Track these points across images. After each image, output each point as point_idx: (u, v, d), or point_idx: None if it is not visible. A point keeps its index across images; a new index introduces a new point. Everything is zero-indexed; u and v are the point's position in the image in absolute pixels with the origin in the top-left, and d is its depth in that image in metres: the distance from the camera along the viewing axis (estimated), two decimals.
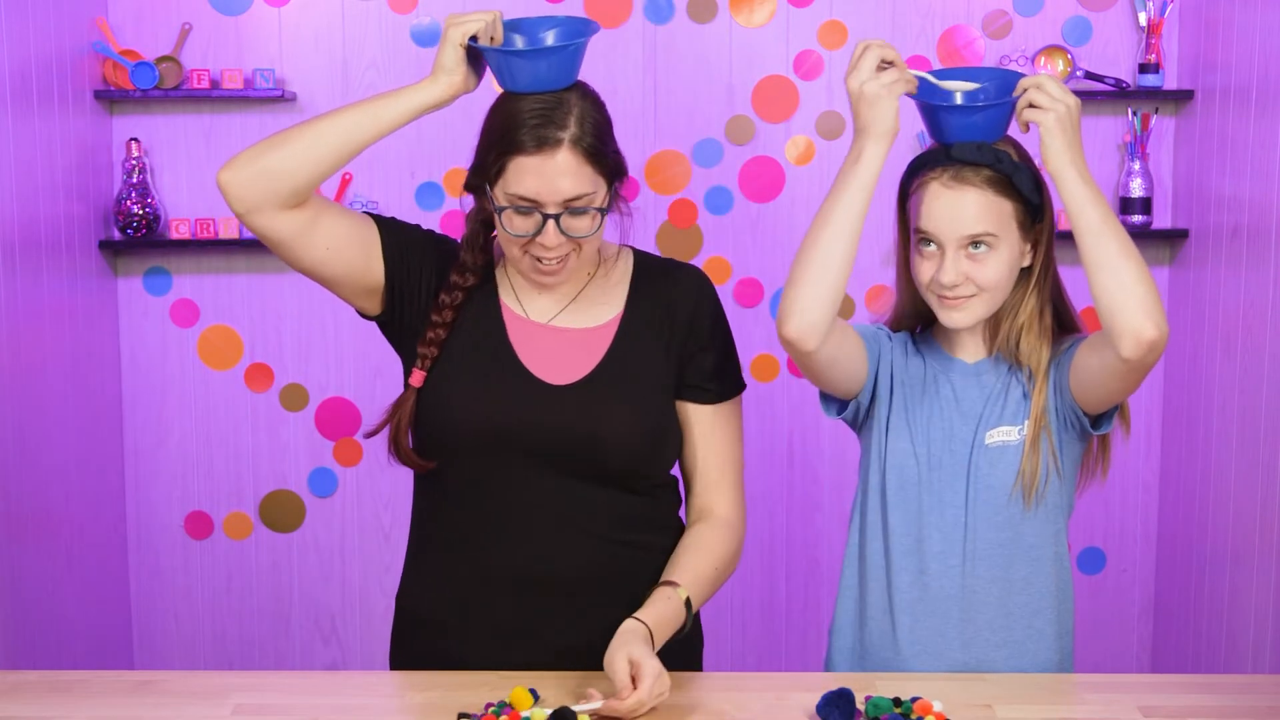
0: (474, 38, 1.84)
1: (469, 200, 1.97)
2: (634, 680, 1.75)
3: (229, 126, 3.56)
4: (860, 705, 1.75)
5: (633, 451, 1.94)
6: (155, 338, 3.64)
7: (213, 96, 3.49)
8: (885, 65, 1.83)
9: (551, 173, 1.83)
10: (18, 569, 3.00)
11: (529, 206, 1.85)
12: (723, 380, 2.00)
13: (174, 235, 3.55)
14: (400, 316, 1.98)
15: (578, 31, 1.89)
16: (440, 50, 1.85)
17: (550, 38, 1.91)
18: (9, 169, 2.99)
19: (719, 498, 2.01)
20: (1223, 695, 1.86)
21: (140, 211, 3.49)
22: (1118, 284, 1.75)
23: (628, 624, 1.83)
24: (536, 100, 1.84)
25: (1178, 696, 1.86)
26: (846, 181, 1.82)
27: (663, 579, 1.93)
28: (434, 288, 1.97)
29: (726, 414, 2.01)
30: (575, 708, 1.73)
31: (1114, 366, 1.78)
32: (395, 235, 1.98)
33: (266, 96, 3.48)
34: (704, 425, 2.00)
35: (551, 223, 1.85)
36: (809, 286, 1.81)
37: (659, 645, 1.84)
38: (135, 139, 3.50)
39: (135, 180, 3.49)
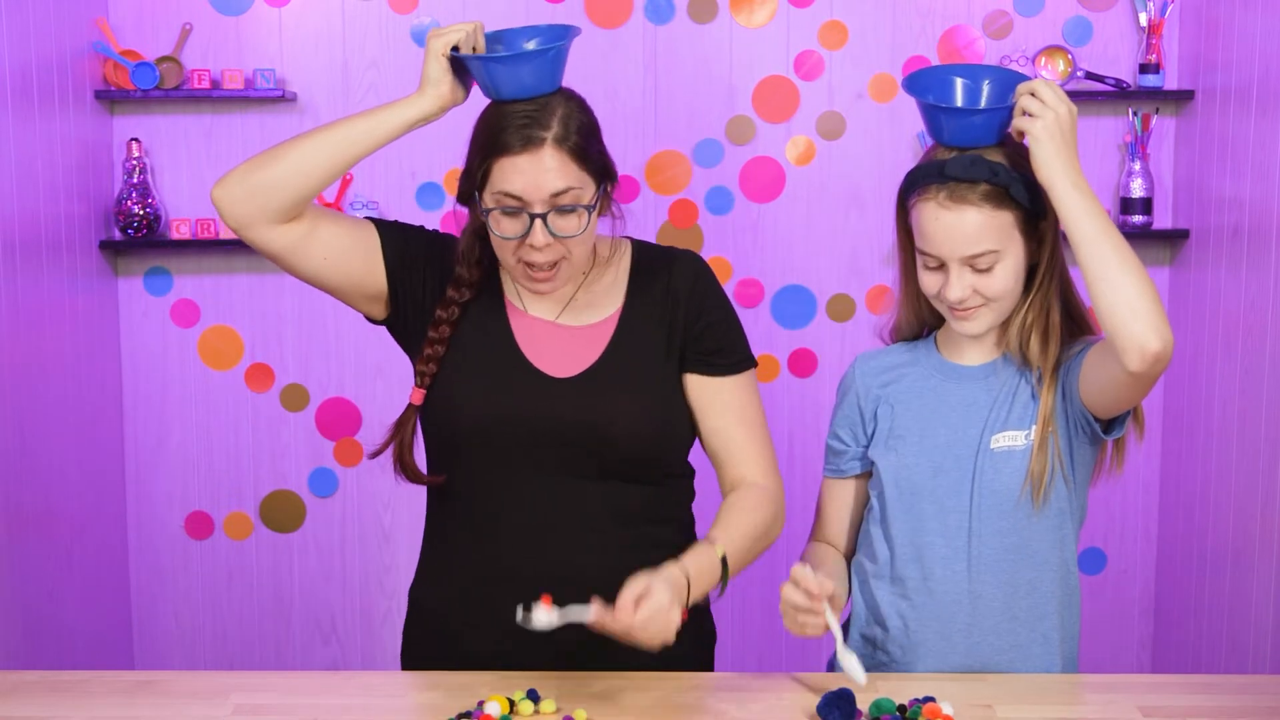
0: (455, 48, 1.85)
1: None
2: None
3: (229, 127, 3.56)
4: (863, 706, 1.75)
5: (639, 439, 1.93)
6: (155, 338, 3.64)
7: (213, 97, 3.49)
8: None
9: (535, 170, 1.83)
10: (18, 569, 3.00)
11: (516, 207, 1.85)
12: (732, 353, 1.99)
13: (174, 235, 3.56)
14: (405, 321, 2.00)
15: (558, 37, 1.90)
16: (425, 63, 1.86)
17: (531, 46, 1.92)
18: (9, 169, 2.99)
19: (749, 466, 1.98)
20: (1223, 695, 1.86)
21: (141, 211, 3.49)
22: (1119, 297, 1.71)
23: (667, 565, 1.80)
24: (521, 105, 1.85)
25: (1178, 696, 1.86)
26: None
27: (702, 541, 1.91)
28: (437, 289, 1.98)
29: (741, 385, 1.99)
30: (573, 606, 1.74)
31: (1120, 378, 1.75)
32: (396, 240, 1.98)
33: (267, 96, 3.48)
34: (721, 398, 1.98)
35: (539, 222, 1.85)
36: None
37: (697, 594, 1.81)
38: (136, 139, 3.50)
39: (136, 180, 3.49)
